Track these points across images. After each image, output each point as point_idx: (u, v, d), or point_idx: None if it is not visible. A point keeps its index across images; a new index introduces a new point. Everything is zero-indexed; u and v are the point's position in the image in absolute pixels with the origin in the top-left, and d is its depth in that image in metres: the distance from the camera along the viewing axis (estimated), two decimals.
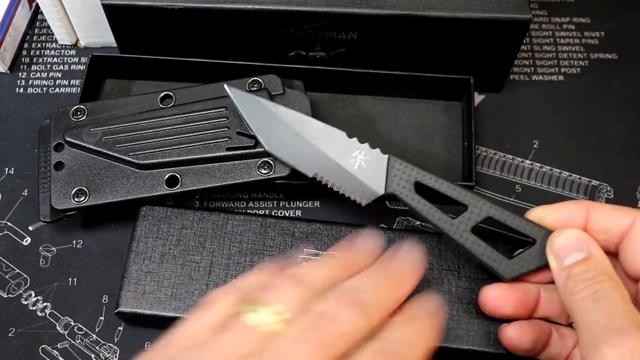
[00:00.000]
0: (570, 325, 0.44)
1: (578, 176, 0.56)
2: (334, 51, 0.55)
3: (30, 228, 0.53)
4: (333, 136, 0.47)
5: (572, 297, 0.38)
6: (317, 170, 0.46)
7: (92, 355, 0.48)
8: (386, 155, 0.46)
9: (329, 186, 0.46)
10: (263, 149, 0.48)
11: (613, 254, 0.42)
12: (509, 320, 0.44)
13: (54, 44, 0.62)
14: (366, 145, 0.46)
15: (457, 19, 0.51)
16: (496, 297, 0.43)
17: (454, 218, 0.44)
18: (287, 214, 0.53)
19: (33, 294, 0.51)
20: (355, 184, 0.45)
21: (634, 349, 0.34)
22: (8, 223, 0.53)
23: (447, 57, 0.55)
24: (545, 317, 0.43)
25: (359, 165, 0.45)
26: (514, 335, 0.42)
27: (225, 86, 0.49)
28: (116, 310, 0.47)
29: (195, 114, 0.50)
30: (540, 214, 0.43)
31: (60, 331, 0.49)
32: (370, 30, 0.52)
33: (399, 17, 0.51)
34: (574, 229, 0.41)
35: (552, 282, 0.43)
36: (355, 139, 0.46)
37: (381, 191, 0.45)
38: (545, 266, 0.42)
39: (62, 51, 0.62)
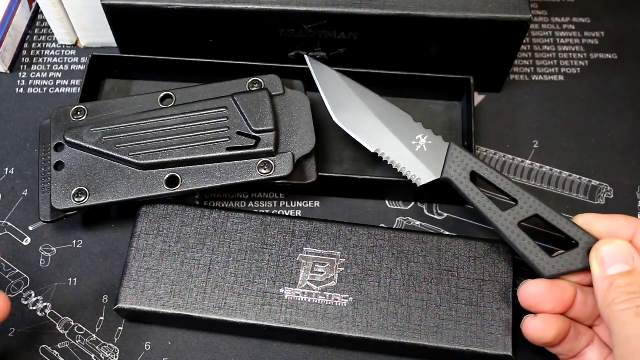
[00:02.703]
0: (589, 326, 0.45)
1: (578, 176, 0.56)
2: (334, 51, 0.55)
3: (30, 228, 0.53)
4: (400, 117, 0.49)
5: (612, 307, 0.39)
6: (379, 146, 0.49)
7: (92, 355, 0.48)
8: (447, 143, 0.48)
9: (388, 163, 0.48)
10: (263, 149, 0.48)
11: None
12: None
13: (54, 44, 0.62)
14: (430, 130, 0.48)
15: (457, 19, 0.51)
16: (538, 292, 0.43)
17: (503, 210, 0.45)
18: (287, 214, 0.53)
19: (33, 294, 0.51)
20: (414, 165, 0.48)
21: None
22: (8, 223, 0.53)
23: (447, 57, 0.55)
24: (575, 317, 0.44)
25: (420, 148, 0.48)
26: (539, 327, 0.43)
27: (306, 56, 0.51)
28: (116, 307, 0.47)
29: (196, 114, 0.50)
30: (589, 221, 0.44)
31: (60, 331, 0.49)
32: (370, 31, 0.52)
33: (399, 17, 0.51)
34: (622, 241, 0.41)
35: (587, 285, 0.44)
36: (420, 124, 0.49)
37: (438, 175, 0.47)
38: (585, 269, 0.43)
39: (62, 51, 0.62)
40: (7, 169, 0.55)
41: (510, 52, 0.54)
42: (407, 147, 0.48)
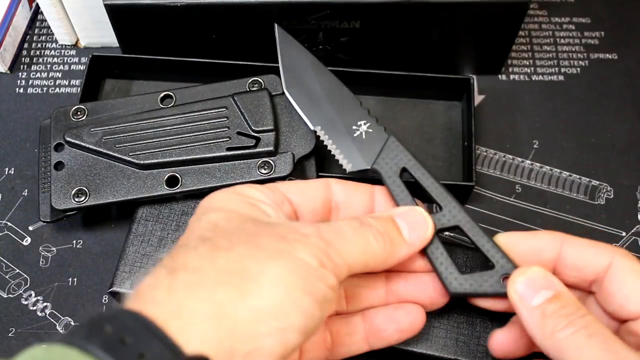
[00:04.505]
0: None
1: (578, 176, 0.55)
2: (336, 41, 0.55)
3: (30, 228, 0.53)
4: (348, 101, 0.48)
5: (556, 335, 0.36)
6: (320, 125, 0.48)
7: None
8: (387, 135, 0.46)
9: (324, 143, 0.47)
10: (263, 149, 0.48)
11: (584, 291, 0.41)
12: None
13: (54, 44, 0.62)
14: (374, 119, 0.47)
15: (458, 3, 0.51)
16: (505, 343, 0.41)
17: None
18: None
19: (33, 294, 0.51)
20: (348, 150, 0.47)
21: None
22: (8, 223, 0.53)
23: (448, 39, 0.55)
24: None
25: (359, 134, 0.47)
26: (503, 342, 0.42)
27: (275, 25, 0.50)
28: (109, 290, 0.47)
29: (196, 114, 0.50)
30: (512, 241, 0.41)
31: (60, 331, 0.49)
32: (372, 19, 0.53)
33: (400, 4, 0.51)
34: (535, 267, 0.39)
35: (499, 310, 0.42)
36: (366, 110, 0.48)
37: (368, 165, 0.46)
38: (496, 295, 0.41)
39: (62, 51, 0.62)
40: (7, 169, 0.55)
41: (509, 34, 0.55)
42: (347, 130, 0.47)
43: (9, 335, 0.49)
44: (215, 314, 0.31)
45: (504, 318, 0.44)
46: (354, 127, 0.47)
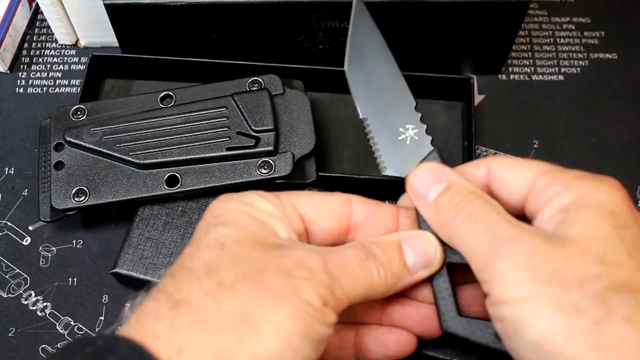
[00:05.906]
0: None
1: None
2: (337, 40, 0.55)
3: (30, 228, 0.53)
4: (404, 99, 0.45)
5: (448, 227, 0.37)
6: (369, 116, 0.45)
7: None
8: (432, 147, 0.43)
9: (368, 137, 0.45)
10: (263, 149, 0.48)
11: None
12: None
13: (54, 44, 0.62)
14: (424, 127, 0.45)
15: (458, 3, 0.51)
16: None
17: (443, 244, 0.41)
18: None
19: (33, 294, 0.51)
20: (389, 152, 0.44)
21: (526, 251, 0.33)
22: (8, 223, 0.53)
23: (448, 39, 0.55)
24: None
25: (404, 138, 0.44)
26: None
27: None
28: (112, 271, 0.47)
29: (195, 113, 0.50)
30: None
31: (60, 331, 0.49)
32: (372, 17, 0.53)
33: (400, 4, 0.51)
34: (425, 163, 0.40)
35: None
36: (419, 115, 0.45)
37: (403, 174, 0.43)
38: (488, 347, 0.39)
39: (62, 51, 0.62)
40: (7, 168, 0.55)
41: (509, 34, 0.55)
42: (393, 130, 0.45)
43: (9, 335, 0.49)
44: (214, 359, 0.31)
45: None
46: (401, 129, 0.44)
